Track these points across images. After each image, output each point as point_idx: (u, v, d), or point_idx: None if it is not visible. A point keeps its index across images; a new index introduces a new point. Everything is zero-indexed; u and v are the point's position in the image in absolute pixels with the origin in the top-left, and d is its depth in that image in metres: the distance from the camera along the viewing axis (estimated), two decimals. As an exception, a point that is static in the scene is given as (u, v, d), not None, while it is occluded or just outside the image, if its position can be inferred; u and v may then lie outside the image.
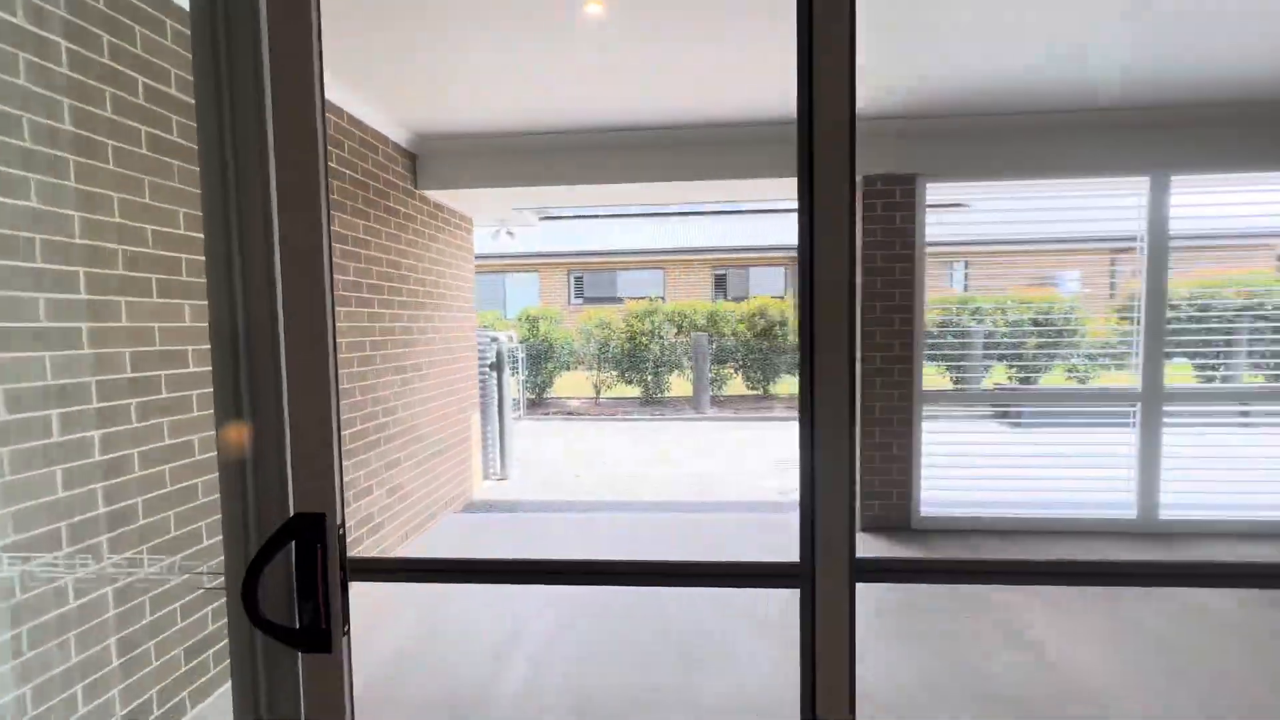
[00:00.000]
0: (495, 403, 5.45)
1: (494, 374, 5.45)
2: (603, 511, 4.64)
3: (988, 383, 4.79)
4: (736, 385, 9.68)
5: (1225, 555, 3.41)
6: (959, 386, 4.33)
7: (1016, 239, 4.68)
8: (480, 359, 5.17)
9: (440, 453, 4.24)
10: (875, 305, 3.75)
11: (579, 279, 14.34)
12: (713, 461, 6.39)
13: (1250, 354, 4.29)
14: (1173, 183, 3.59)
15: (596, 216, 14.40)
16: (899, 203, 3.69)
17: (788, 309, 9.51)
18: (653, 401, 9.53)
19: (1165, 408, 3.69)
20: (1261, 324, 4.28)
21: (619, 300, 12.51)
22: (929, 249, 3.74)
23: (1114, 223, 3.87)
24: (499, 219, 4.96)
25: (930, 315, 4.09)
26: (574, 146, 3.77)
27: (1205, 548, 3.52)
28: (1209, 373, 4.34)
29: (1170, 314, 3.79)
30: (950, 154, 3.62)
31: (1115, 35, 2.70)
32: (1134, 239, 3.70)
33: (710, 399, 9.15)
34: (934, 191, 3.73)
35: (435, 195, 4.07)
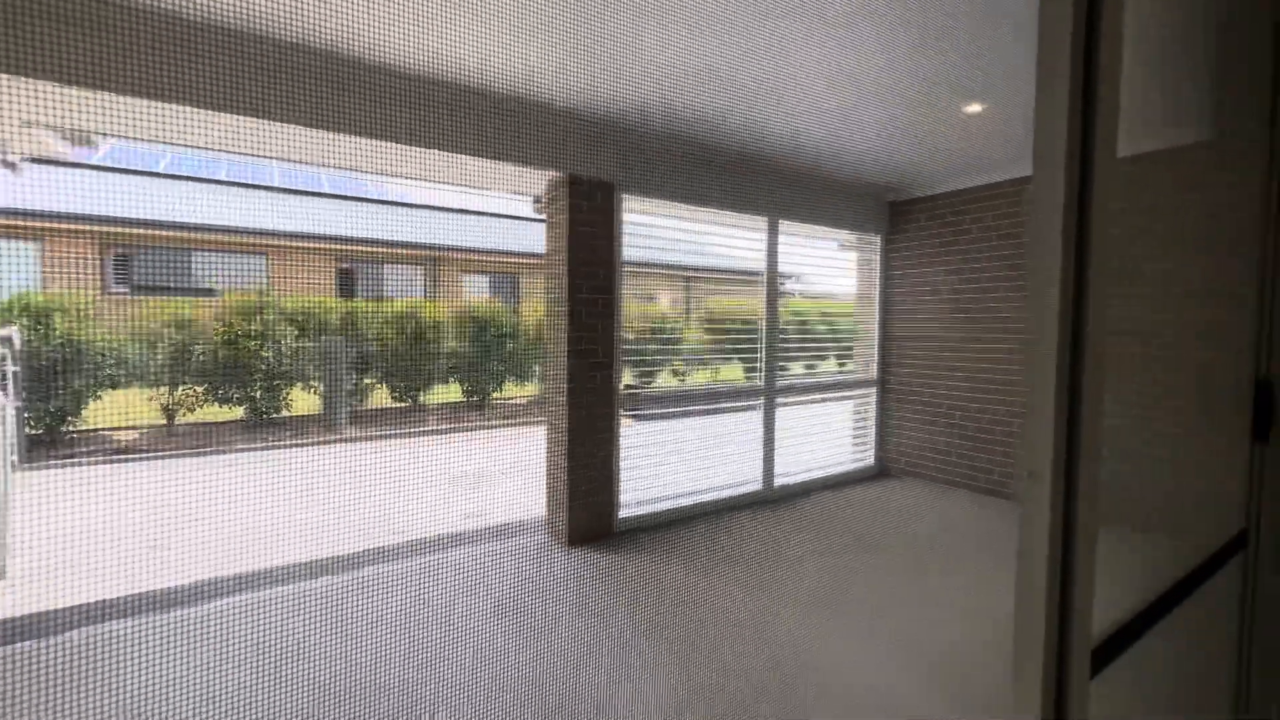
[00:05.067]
0: (-30, 452, 3.17)
1: (-34, 403, 3.16)
2: (195, 604, 3.16)
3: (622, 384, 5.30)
4: (381, 397, 8.39)
5: (818, 507, 4.59)
6: (632, 390, 4.64)
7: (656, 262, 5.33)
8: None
9: None
10: (580, 310, 3.64)
11: (122, 257, 10.14)
12: (367, 493, 5.27)
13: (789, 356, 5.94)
14: (780, 225, 4.65)
15: (155, 175, 10.51)
16: (601, 207, 3.68)
17: (441, 313, 8.77)
18: (266, 424, 7.41)
19: (779, 400, 4.75)
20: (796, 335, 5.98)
21: (204, 291, 9.35)
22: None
23: (741, 254, 4.77)
24: (-17, 136, 2.84)
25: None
26: (190, 35, 2.42)
27: (809, 501, 4.67)
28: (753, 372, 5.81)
29: (734, 327, 4.90)
30: (643, 168, 3.81)
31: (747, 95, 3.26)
32: (758, 271, 4.65)
33: (350, 415, 7.66)
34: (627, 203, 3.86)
35: None
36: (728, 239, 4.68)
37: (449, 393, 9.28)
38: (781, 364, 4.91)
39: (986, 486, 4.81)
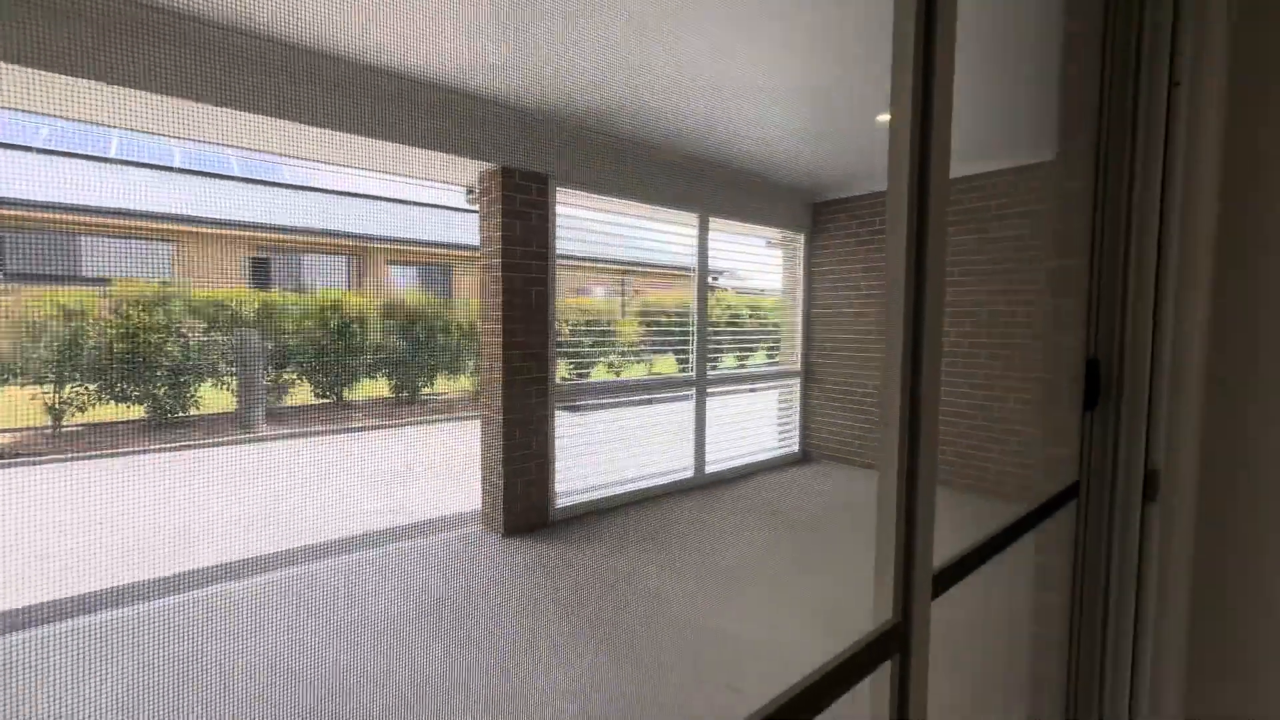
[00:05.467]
0: None
1: None
2: (91, 614, 2.99)
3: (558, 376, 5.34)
4: (303, 394, 7.98)
5: (746, 492, 4.82)
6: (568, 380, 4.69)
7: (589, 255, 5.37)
8: None
9: None
10: (515, 302, 3.66)
11: (-6, 242, 9.06)
12: (289, 493, 5.04)
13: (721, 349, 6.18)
14: (711, 223, 4.83)
15: (32, 150, 9.43)
16: (534, 200, 3.70)
17: (367, 304, 8.42)
18: (170, 424, 6.88)
19: (709, 390, 4.94)
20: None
21: (96, 280, 8.51)
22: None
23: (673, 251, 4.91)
24: None
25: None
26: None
27: (737, 487, 4.89)
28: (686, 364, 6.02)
29: (666, 321, 5.07)
30: (576, 162, 3.86)
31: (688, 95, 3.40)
32: (689, 268, 4.81)
33: (266, 413, 7.25)
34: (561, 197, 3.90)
35: None
36: (660, 234, 4.81)
37: (377, 388, 8.96)
38: (712, 356, 5.11)
39: (897, 466, 5.21)
